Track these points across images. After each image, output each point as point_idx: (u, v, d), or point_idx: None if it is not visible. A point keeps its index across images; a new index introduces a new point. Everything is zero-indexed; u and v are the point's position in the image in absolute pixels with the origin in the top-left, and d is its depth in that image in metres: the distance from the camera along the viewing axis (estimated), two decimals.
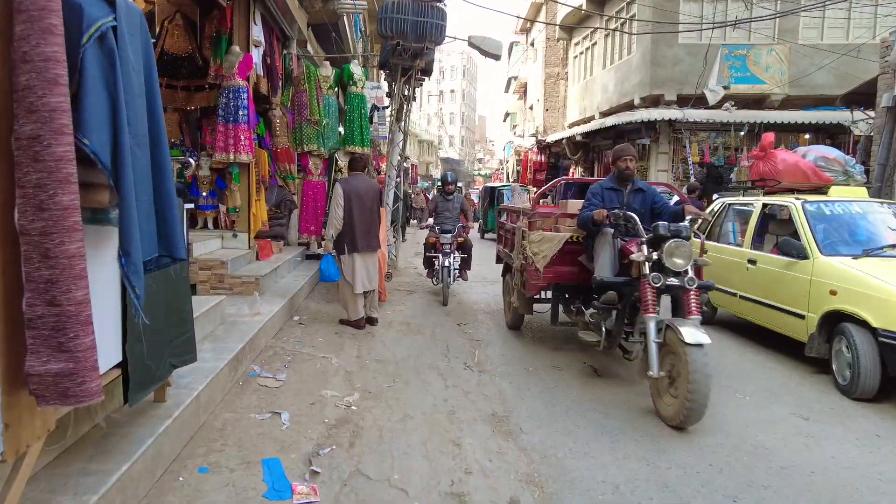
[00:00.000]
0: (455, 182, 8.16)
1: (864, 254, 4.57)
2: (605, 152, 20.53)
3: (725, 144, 16.21)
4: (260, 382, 4.07)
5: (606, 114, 18.59)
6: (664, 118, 15.40)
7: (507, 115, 45.57)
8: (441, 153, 53.28)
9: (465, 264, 7.76)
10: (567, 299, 5.11)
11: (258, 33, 6.94)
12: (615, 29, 16.41)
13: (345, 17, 10.09)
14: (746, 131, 15.58)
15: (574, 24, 20.24)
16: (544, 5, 26.67)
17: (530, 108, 30.96)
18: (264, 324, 4.84)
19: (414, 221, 23.05)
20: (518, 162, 29.43)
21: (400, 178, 10.33)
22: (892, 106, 7.94)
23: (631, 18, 16.52)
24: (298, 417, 3.56)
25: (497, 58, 12.75)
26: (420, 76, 10.75)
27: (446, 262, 7.22)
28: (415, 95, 10.90)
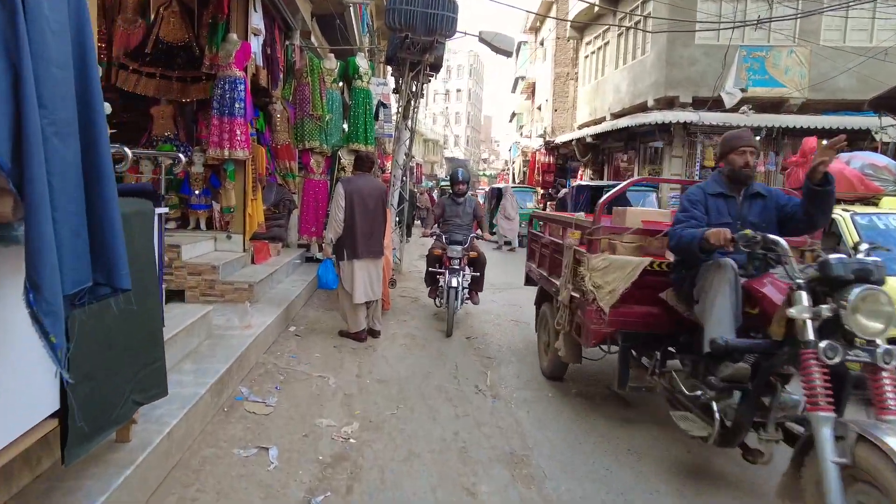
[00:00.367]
0: (467, 181, 6.55)
1: None
2: (616, 154, 20.05)
3: None
4: (248, 408, 3.62)
5: (618, 115, 18.10)
6: (679, 121, 14.91)
7: (513, 115, 45.09)
8: (446, 153, 52.84)
9: (476, 284, 6.35)
10: (639, 348, 3.64)
11: (258, 21, 6.49)
12: (634, 25, 15.88)
13: (351, 9, 9.63)
14: (764, 136, 15.10)
15: (589, 20, 19.71)
16: (555, 4, 26.20)
17: (538, 108, 30.49)
18: (256, 337, 4.39)
19: (417, 222, 22.61)
20: (525, 163, 28.94)
21: (406, 177, 9.87)
22: None
23: (646, 17, 16.02)
24: (289, 454, 3.10)
25: (509, 54, 12.28)
26: (429, 72, 10.30)
27: (454, 282, 5.76)
28: (423, 92, 10.44)
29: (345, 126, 8.61)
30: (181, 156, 5.38)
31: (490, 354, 5.24)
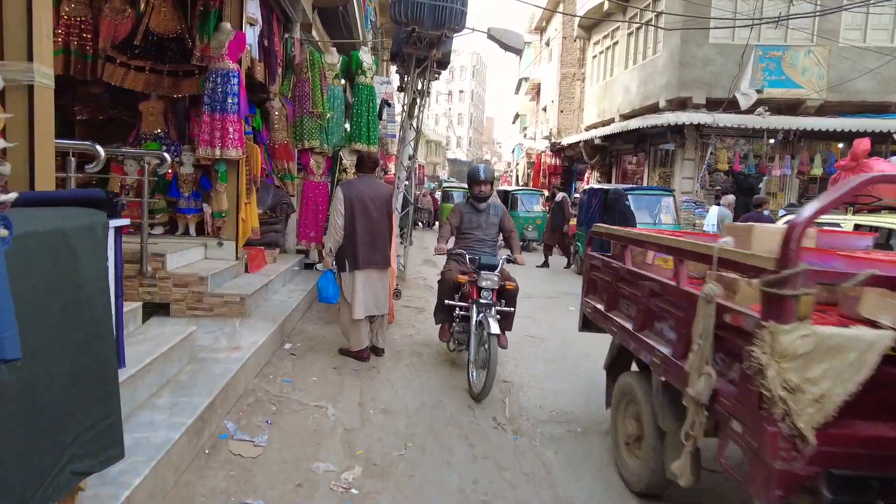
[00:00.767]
0: (491, 181, 4.95)
1: None
2: (625, 157, 19.54)
3: (755, 152, 15.22)
4: (233, 449, 3.11)
5: (627, 116, 17.59)
6: (692, 122, 14.40)
7: (517, 117, 44.62)
8: (449, 154, 52.37)
9: (505, 322, 4.60)
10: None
11: (254, 9, 6.00)
12: (647, 22, 15.36)
13: (354, 1, 9.14)
14: (781, 138, 14.59)
15: (598, 17, 19.17)
16: (562, 3, 25.71)
17: (543, 109, 29.99)
18: (245, 361, 3.88)
19: (419, 224, 22.12)
20: (530, 165, 28.44)
21: (410, 179, 9.37)
22: None
23: (659, 15, 15.52)
24: None
25: (518, 52, 11.78)
26: (436, 69, 9.81)
27: (494, 327, 4.07)
28: (429, 90, 9.94)
29: (347, 126, 8.12)
30: (166, 155, 4.92)
31: (506, 377, 4.73)
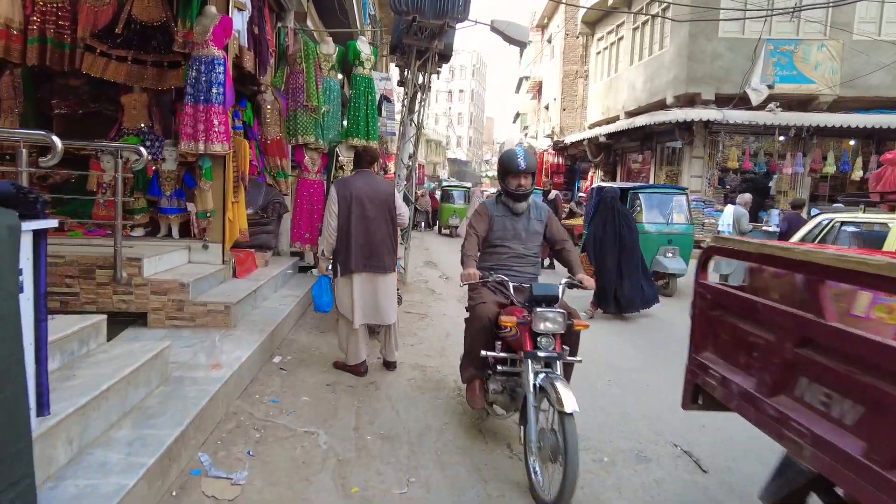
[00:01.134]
0: (533, 172, 3.41)
1: None
2: (630, 155, 19.11)
3: (766, 150, 14.78)
4: (206, 489, 2.66)
5: (633, 114, 17.16)
6: (702, 119, 13.97)
7: (517, 116, 44.17)
8: (449, 153, 51.93)
9: (567, 372, 3.25)
10: None
11: None
12: (656, 15, 14.89)
13: None
14: (793, 135, 14.15)
15: (605, 9, 18.70)
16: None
17: (545, 107, 29.57)
18: (226, 380, 3.43)
19: (419, 225, 21.65)
20: None
21: (411, 179, 8.92)
22: None
23: (665, 10, 15.07)
24: None
25: (523, 45, 11.35)
26: (438, 62, 9.36)
27: (566, 396, 2.69)
28: (430, 84, 9.49)
29: (345, 122, 7.67)
30: (142, 149, 4.46)
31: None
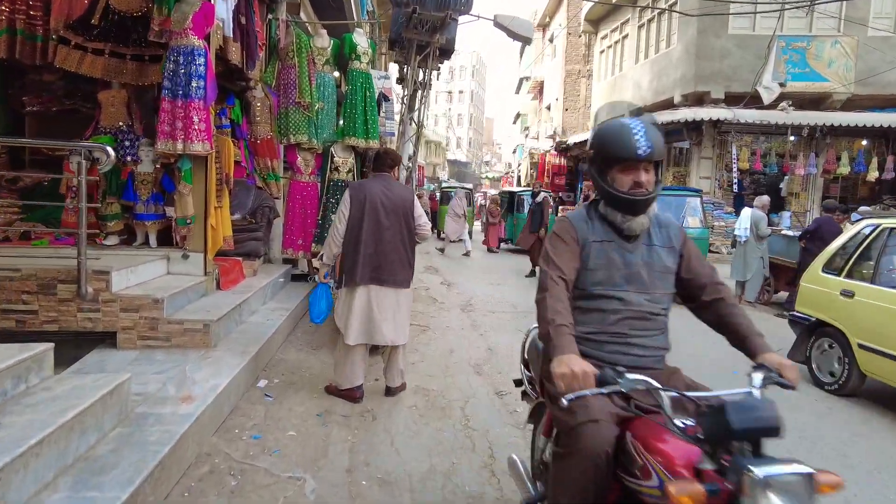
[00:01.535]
0: (660, 161, 1.90)
1: None
2: None
3: (777, 150, 14.31)
4: None
5: (639, 113, 16.69)
6: (711, 118, 13.51)
7: (517, 117, 43.73)
8: (448, 155, 51.52)
9: None
10: None
11: None
12: (666, 8, 14.41)
13: None
14: (806, 135, 13.69)
15: (610, 4, 18.21)
16: None
17: (547, 108, 29.14)
18: (198, 417, 2.94)
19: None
20: (533, 165, 27.50)
21: (411, 181, 8.45)
22: None
23: (673, 4, 14.60)
24: None
25: (528, 41, 10.87)
26: (439, 57, 8.90)
27: None
28: (431, 81, 9.02)
29: (341, 121, 7.19)
30: (109, 149, 3.99)
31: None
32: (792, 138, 13.91)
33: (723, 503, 1.33)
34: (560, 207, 18.13)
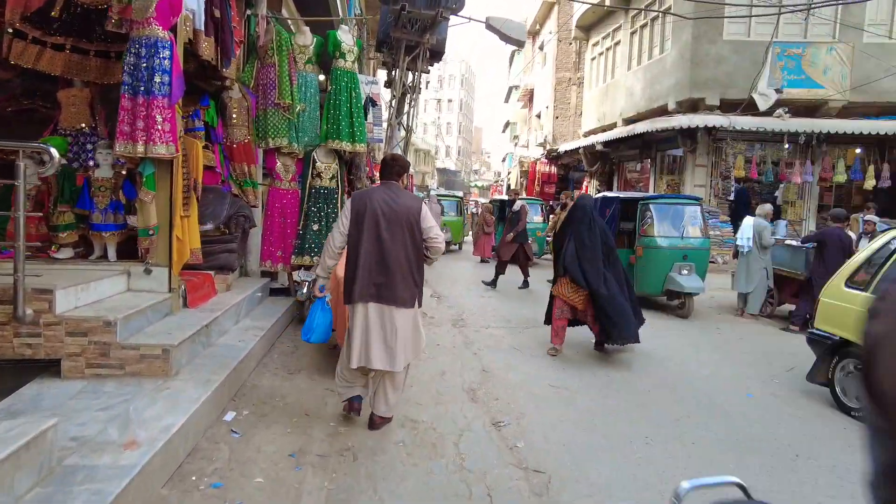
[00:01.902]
0: None
1: None
2: (626, 164, 18.35)
3: (773, 158, 14.07)
4: None
5: (631, 120, 16.40)
6: (707, 125, 13.22)
7: (507, 125, 43.52)
8: (438, 163, 51.24)
9: None
10: None
11: None
12: (663, 11, 14.13)
13: None
14: (802, 142, 13.45)
15: (605, 6, 17.95)
16: (556, 5, 24.63)
17: (537, 116, 28.90)
18: (142, 467, 2.46)
19: None
20: (523, 173, 27.20)
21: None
22: None
23: (665, 12, 14.36)
24: None
25: (521, 44, 10.54)
26: (429, 59, 8.51)
27: None
28: (420, 85, 8.62)
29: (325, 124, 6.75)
30: (52, 150, 3.51)
31: (538, 461, 3.35)
32: (787, 146, 13.67)
33: None
34: (551, 216, 17.74)
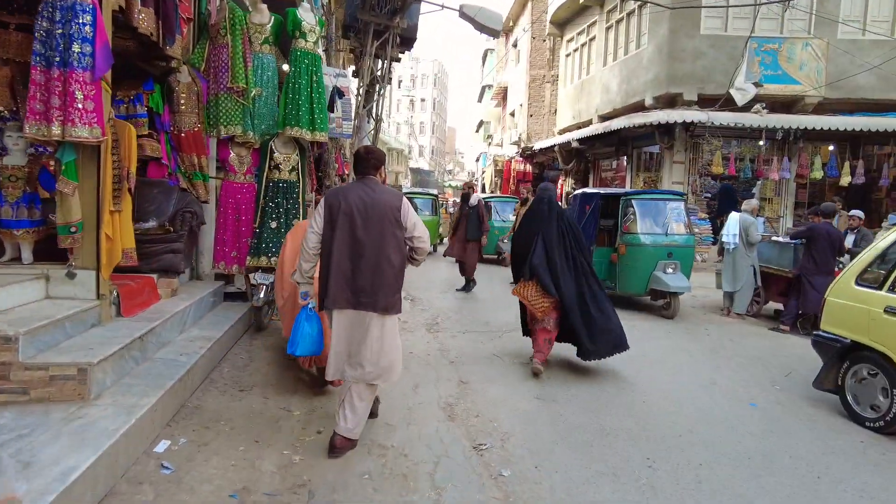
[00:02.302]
0: None
1: None
2: (602, 161, 18.09)
3: (750, 155, 13.91)
4: None
5: (608, 117, 16.12)
6: (685, 120, 12.98)
7: (480, 124, 43.16)
8: (411, 163, 50.64)
9: None
10: None
11: None
12: (642, 2, 13.80)
13: None
14: (780, 138, 13.32)
15: (577, 4, 17.60)
16: (530, 1, 24.34)
17: (511, 114, 28.58)
18: None
19: None
20: (498, 172, 26.84)
21: None
22: None
23: (643, 5, 14.09)
24: None
25: (496, 34, 10.08)
26: (399, 46, 7.97)
27: None
28: (391, 74, 8.09)
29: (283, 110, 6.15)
30: None
31: (528, 494, 2.86)
32: (762, 143, 13.52)
33: None
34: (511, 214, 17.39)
